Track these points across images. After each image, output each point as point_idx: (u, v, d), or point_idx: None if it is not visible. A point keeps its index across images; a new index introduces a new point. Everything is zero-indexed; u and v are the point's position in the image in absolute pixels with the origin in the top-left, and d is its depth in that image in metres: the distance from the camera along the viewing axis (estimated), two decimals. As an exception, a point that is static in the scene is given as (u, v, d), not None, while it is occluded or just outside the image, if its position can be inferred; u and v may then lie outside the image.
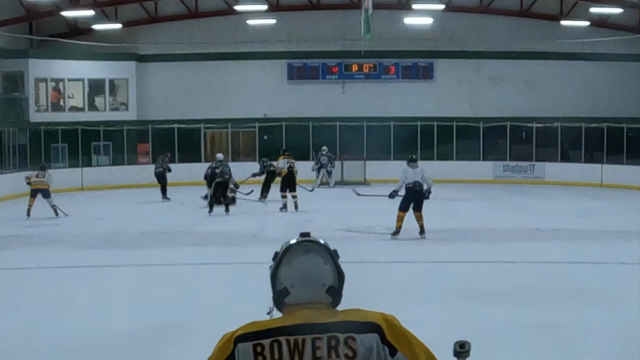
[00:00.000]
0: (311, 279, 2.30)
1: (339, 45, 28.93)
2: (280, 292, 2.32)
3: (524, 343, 7.14)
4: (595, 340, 7.22)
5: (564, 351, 6.97)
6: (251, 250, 12.80)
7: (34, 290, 9.69)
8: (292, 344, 2.20)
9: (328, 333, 2.20)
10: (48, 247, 13.46)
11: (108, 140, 28.36)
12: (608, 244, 13.30)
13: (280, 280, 2.33)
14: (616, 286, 9.57)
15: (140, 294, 9.40)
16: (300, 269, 2.31)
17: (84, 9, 26.61)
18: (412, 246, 12.85)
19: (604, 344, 7.10)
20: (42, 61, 27.23)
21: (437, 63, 29.61)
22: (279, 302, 2.34)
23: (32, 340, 7.36)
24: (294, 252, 2.35)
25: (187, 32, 29.25)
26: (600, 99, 28.23)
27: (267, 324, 2.28)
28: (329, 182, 25.78)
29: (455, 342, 2.35)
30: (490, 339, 6.95)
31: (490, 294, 9.14)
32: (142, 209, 19.92)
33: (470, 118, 28.69)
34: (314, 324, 2.22)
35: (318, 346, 2.19)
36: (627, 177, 24.37)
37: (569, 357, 6.89)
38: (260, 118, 29.12)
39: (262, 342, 2.21)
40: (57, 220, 17.30)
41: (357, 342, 2.19)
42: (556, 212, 18.52)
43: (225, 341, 2.28)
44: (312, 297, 2.30)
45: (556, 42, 28.03)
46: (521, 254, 12.18)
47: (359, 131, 28.22)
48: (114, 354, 7.01)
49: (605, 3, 27.14)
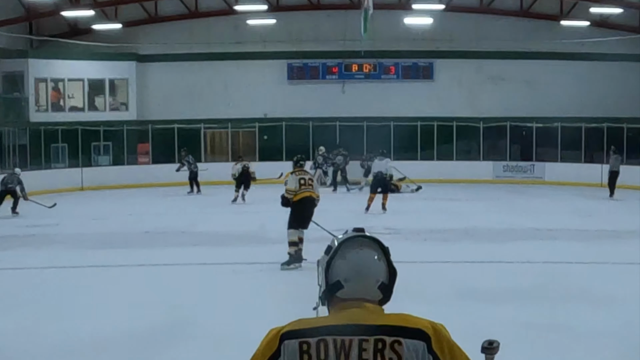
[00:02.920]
0: (365, 273, 2.30)
1: (339, 45, 28.93)
2: (334, 285, 2.30)
3: (524, 343, 7.14)
4: (595, 340, 7.22)
5: (564, 351, 6.97)
6: (251, 250, 12.82)
7: (34, 290, 9.69)
8: (338, 344, 2.17)
9: (375, 335, 2.18)
10: (48, 247, 13.45)
11: (108, 140, 28.36)
12: (608, 244, 13.30)
13: (334, 274, 2.31)
14: (616, 286, 9.57)
15: (140, 294, 9.40)
16: (356, 263, 2.30)
17: (84, 9, 26.61)
18: (412, 246, 12.84)
19: (604, 344, 7.10)
20: (42, 61, 27.24)
21: (437, 63, 29.61)
22: (329, 296, 2.32)
23: (32, 340, 7.36)
24: (349, 246, 2.33)
25: (187, 32, 29.25)
26: (600, 99, 28.23)
27: (314, 322, 2.25)
28: (325, 181, 25.89)
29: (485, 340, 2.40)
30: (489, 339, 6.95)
31: (490, 294, 9.14)
32: (142, 209, 19.92)
33: (470, 118, 28.69)
34: (362, 325, 2.20)
35: (364, 348, 2.17)
36: (626, 177, 24.35)
37: (569, 357, 6.88)
38: (260, 118, 29.13)
39: (308, 340, 2.19)
40: (57, 220, 17.29)
41: (403, 346, 2.17)
42: (556, 212, 18.52)
43: (272, 337, 2.25)
44: (365, 292, 2.29)
45: (556, 42, 28.04)
46: (521, 254, 12.17)
47: (359, 131, 28.21)
48: (113, 354, 7.01)
49: (605, 3, 27.13)
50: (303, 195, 11.04)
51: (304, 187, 11.05)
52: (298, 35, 29.29)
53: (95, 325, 7.80)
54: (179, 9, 29.22)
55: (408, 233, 14.50)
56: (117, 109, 29.13)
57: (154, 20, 29.40)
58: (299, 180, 11.08)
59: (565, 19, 28.42)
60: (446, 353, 2.21)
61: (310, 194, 11.08)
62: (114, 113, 28.83)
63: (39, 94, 27.57)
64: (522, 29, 28.89)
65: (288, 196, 11.07)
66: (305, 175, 11.29)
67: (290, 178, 11.17)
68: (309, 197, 11.08)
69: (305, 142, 27.94)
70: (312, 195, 11.12)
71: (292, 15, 29.33)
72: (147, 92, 29.18)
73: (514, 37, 28.63)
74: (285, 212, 11.26)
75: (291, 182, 11.08)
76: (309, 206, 11.13)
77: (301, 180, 11.11)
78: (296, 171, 11.31)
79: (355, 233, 2.38)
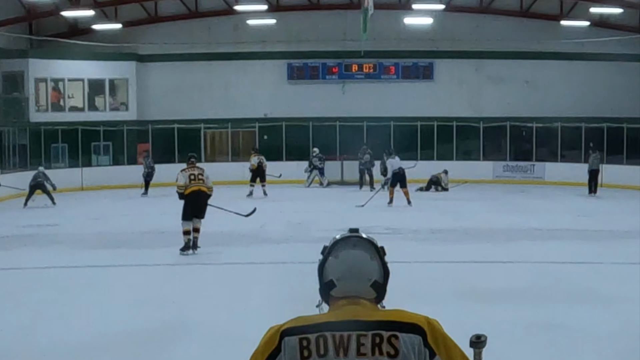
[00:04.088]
0: (357, 272, 2.34)
1: (339, 45, 28.94)
2: (327, 284, 2.35)
3: (524, 343, 7.14)
4: (595, 340, 7.22)
5: (563, 351, 6.97)
6: (251, 250, 12.82)
7: (34, 290, 9.68)
8: (337, 340, 2.22)
9: (373, 330, 2.23)
10: (48, 247, 13.45)
11: (108, 140, 28.36)
12: (608, 244, 13.29)
13: (327, 273, 2.36)
14: (616, 286, 9.57)
15: (141, 294, 9.40)
16: (347, 262, 2.35)
17: (84, 9, 26.61)
18: (412, 246, 12.84)
19: (604, 344, 7.10)
20: (42, 61, 27.23)
21: (437, 63, 29.62)
22: (325, 294, 2.38)
23: (32, 340, 7.36)
24: (342, 246, 2.38)
25: (187, 32, 29.26)
26: (600, 99, 28.24)
27: (313, 318, 2.30)
28: (322, 181, 25.94)
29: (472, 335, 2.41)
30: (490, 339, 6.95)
31: (490, 294, 9.14)
32: (143, 209, 19.92)
33: (470, 118, 28.69)
34: (360, 321, 2.25)
35: (362, 343, 2.22)
36: (627, 177, 24.36)
37: (568, 357, 6.89)
38: (260, 118, 29.13)
39: (308, 336, 2.23)
40: (57, 220, 17.30)
41: (400, 341, 2.22)
42: (556, 212, 18.52)
43: (272, 334, 2.29)
44: (358, 290, 2.33)
45: (556, 42, 28.04)
46: (521, 254, 12.18)
47: (359, 131, 28.21)
48: (114, 353, 7.01)
49: (605, 3, 27.14)
50: (192, 189, 12.32)
51: (193, 182, 12.37)
52: (298, 35, 29.30)
53: (95, 325, 7.80)
54: (179, 9, 29.23)
55: (408, 233, 14.50)
56: (117, 109, 29.14)
57: (154, 20, 29.41)
58: (189, 176, 12.40)
59: (565, 19, 28.43)
60: (441, 347, 2.25)
61: (199, 188, 12.34)
62: (114, 113, 28.83)
63: (39, 94, 27.58)
64: (522, 29, 28.89)
65: (179, 191, 12.45)
66: (195, 171, 12.49)
67: (181, 174, 12.49)
68: (198, 191, 12.33)
69: (305, 142, 27.94)
70: (202, 188, 12.37)
71: (292, 15, 29.34)
72: (147, 92, 29.19)
73: (514, 37, 28.63)
74: (285, 212, 11.30)
75: (181, 178, 12.44)
76: (198, 198, 12.35)
77: (191, 175, 12.41)
78: (187, 168, 12.55)
79: (350, 233, 2.42)
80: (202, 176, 12.41)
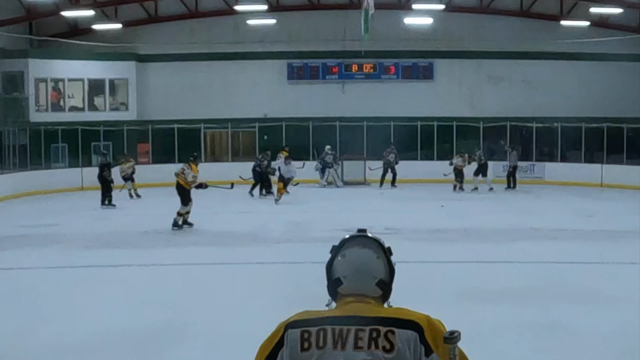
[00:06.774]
0: (363, 271, 2.43)
1: (339, 45, 28.92)
2: (334, 282, 2.45)
3: (524, 343, 7.14)
4: (595, 340, 7.22)
5: (564, 351, 6.97)
6: (251, 250, 12.82)
7: (34, 290, 9.68)
8: (336, 333, 2.31)
9: (371, 326, 2.31)
10: (48, 247, 13.44)
11: (108, 140, 28.32)
12: (608, 244, 13.30)
13: (334, 271, 2.46)
14: (616, 286, 9.57)
15: (140, 294, 9.40)
16: (354, 261, 2.44)
17: (84, 9, 26.61)
18: (412, 246, 12.83)
19: (604, 343, 7.10)
20: (42, 61, 27.23)
21: (437, 63, 29.61)
22: (332, 292, 2.46)
23: (32, 340, 7.36)
24: (349, 245, 2.48)
25: (187, 32, 29.26)
26: (600, 99, 28.24)
27: (318, 314, 2.39)
28: (336, 181, 25.71)
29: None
30: (490, 339, 6.95)
31: (490, 294, 9.15)
32: (142, 209, 19.92)
33: (470, 118, 28.68)
34: (360, 317, 2.33)
35: (360, 337, 2.30)
36: (627, 177, 24.35)
37: (569, 357, 6.89)
38: (260, 118, 29.12)
39: (309, 329, 2.33)
40: (57, 220, 17.30)
41: (396, 336, 2.29)
42: (556, 212, 18.52)
43: (277, 329, 2.40)
44: (363, 288, 2.42)
45: (556, 42, 28.03)
46: (521, 254, 12.17)
47: (359, 131, 28.21)
48: (113, 353, 7.01)
49: (605, 3, 27.14)
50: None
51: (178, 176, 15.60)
52: (298, 35, 29.29)
53: (94, 325, 7.80)
54: (179, 9, 29.23)
55: (408, 233, 14.50)
56: (117, 109, 29.13)
57: (154, 20, 29.40)
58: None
59: (565, 19, 28.42)
60: (439, 344, 2.31)
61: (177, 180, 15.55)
62: (114, 113, 28.82)
63: (39, 94, 27.56)
64: (522, 29, 28.89)
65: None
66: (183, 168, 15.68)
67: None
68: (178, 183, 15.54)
69: (305, 142, 27.93)
70: (180, 181, 15.48)
71: (292, 15, 29.33)
72: (147, 92, 29.18)
73: (514, 37, 28.63)
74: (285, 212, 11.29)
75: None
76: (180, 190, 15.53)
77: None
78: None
79: (358, 233, 2.51)
80: (184, 171, 15.50)
